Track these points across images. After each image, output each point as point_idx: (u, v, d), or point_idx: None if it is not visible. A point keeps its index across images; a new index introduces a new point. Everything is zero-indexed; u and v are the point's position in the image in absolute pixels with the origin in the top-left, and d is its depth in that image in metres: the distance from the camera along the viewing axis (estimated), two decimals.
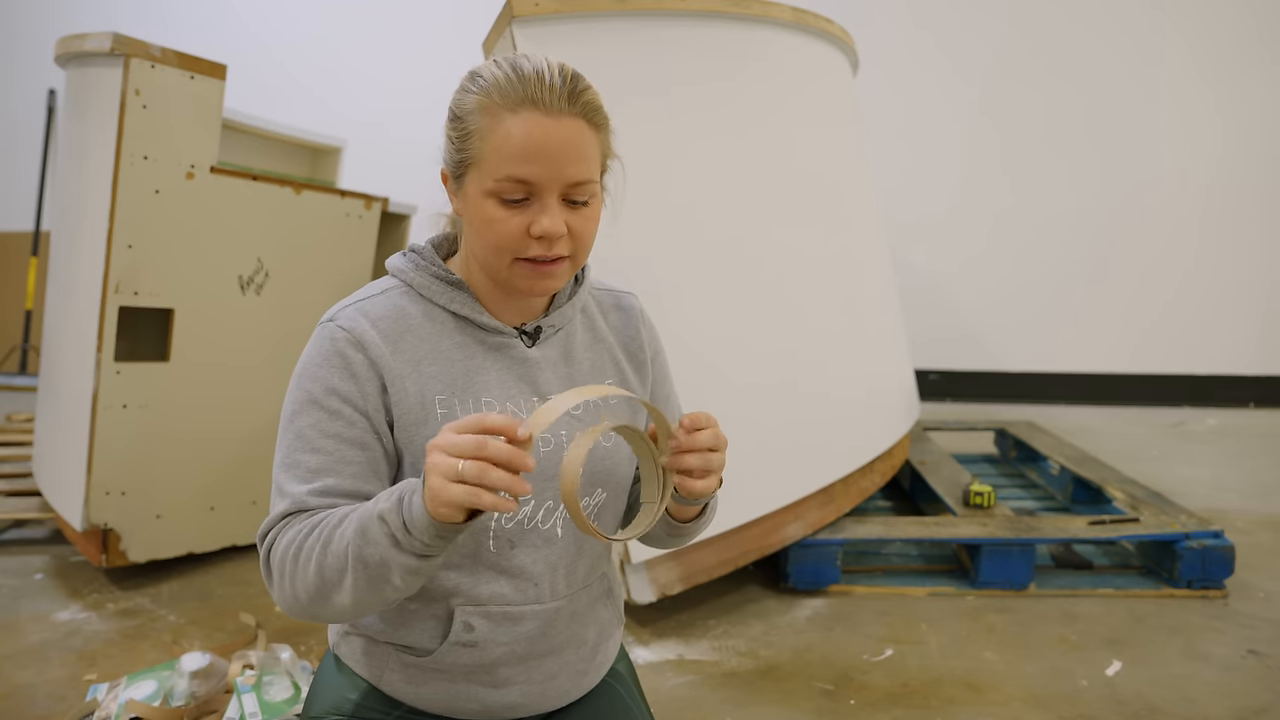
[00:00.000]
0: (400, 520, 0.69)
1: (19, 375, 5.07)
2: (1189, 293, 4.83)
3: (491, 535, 0.83)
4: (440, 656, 0.85)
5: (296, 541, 0.76)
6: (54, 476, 2.35)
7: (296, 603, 0.77)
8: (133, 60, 1.98)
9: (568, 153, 0.79)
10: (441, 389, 0.83)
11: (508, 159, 0.78)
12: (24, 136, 5.44)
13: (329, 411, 0.81)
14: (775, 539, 2.07)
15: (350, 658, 0.91)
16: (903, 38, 4.88)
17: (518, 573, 0.85)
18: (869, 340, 2.57)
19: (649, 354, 0.99)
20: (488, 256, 0.82)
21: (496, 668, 0.86)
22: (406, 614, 0.85)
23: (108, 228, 2.02)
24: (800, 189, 2.30)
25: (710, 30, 2.05)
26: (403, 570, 0.71)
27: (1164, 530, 2.19)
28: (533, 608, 0.86)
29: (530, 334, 0.89)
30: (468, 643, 0.84)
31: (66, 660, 1.79)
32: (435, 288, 0.86)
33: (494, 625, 0.85)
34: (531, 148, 0.77)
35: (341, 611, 0.75)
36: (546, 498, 0.85)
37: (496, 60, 0.81)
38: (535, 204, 0.79)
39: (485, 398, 0.85)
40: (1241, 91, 4.72)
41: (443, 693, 0.86)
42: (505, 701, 0.87)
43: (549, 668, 0.89)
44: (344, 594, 0.73)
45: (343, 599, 0.74)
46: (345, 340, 0.82)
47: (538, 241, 0.80)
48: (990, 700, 1.67)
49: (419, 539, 0.69)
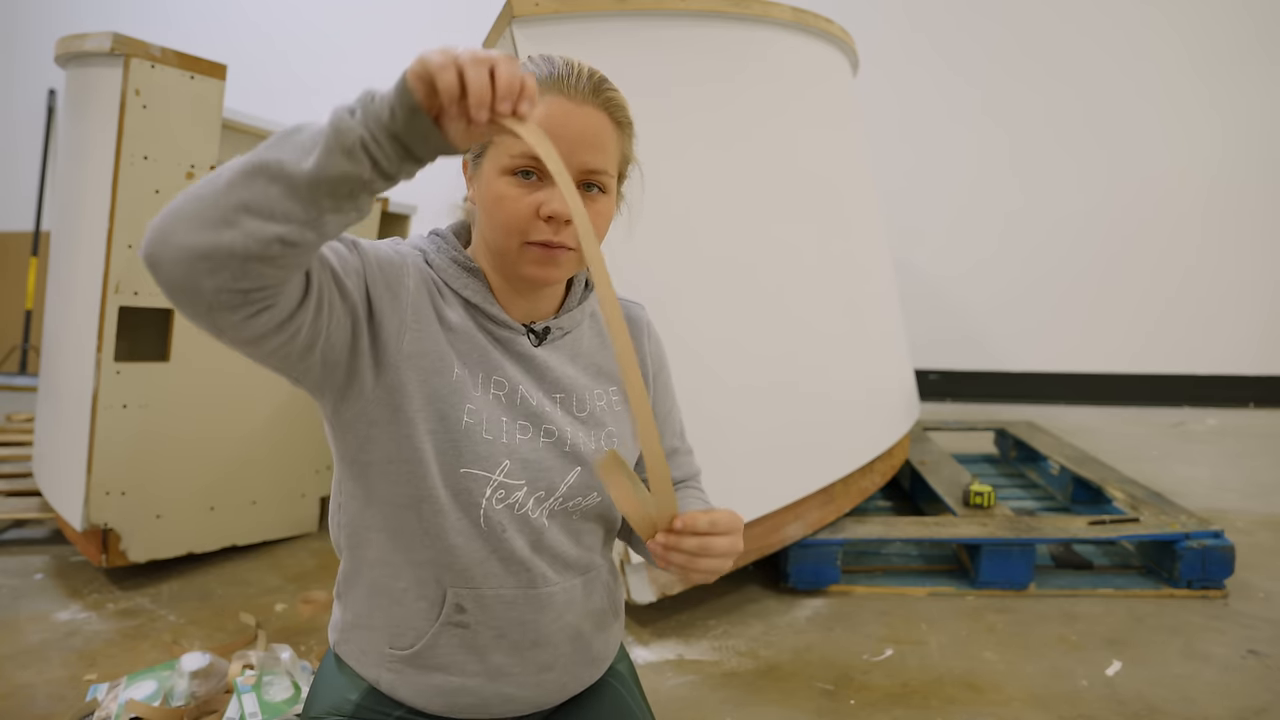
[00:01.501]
0: (352, 103, 0.64)
1: (19, 375, 5.07)
2: (1190, 293, 4.83)
3: (483, 514, 0.83)
4: (434, 640, 0.85)
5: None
6: (54, 476, 2.35)
7: (159, 224, 0.63)
8: (133, 60, 1.98)
9: (585, 138, 0.81)
10: (459, 355, 0.83)
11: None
12: (24, 136, 5.45)
13: (358, 249, 0.79)
14: (775, 539, 2.07)
15: (350, 657, 0.90)
16: (902, 40, 4.88)
17: (507, 555, 0.85)
18: (869, 341, 2.57)
19: (650, 369, 1.00)
20: (497, 238, 0.82)
21: (489, 653, 0.86)
22: (399, 594, 0.85)
23: (108, 228, 2.02)
24: (801, 190, 2.30)
25: (710, 30, 2.05)
26: (316, 153, 0.62)
27: (1164, 530, 2.19)
28: (525, 591, 0.86)
29: (538, 333, 0.89)
30: (459, 623, 0.85)
31: (66, 660, 1.79)
32: (452, 270, 0.86)
33: (485, 608, 0.85)
34: (551, 127, 0.78)
35: (243, 195, 0.62)
36: (539, 488, 0.85)
37: (530, 56, 0.84)
38: (547, 185, 0.80)
39: (496, 376, 0.85)
40: (1240, 91, 4.72)
41: (440, 688, 0.86)
42: (502, 694, 0.87)
43: (544, 658, 0.88)
44: (220, 190, 0.62)
45: (216, 199, 0.62)
46: (409, 256, 0.84)
47: (546, 223, 0.80)
48: (990, 700, 1.67)
49: (363, 111, 0.63)
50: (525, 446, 0.85)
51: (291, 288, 0.68)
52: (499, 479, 0.83)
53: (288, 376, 0.77)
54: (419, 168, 0.67)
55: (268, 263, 0.64)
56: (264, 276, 0.64)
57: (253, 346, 0.70)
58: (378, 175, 0.65)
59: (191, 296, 0.64)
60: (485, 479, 0.83)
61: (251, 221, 0.62)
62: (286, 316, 0.69)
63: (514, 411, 0.85)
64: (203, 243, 0.62)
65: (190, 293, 0.64)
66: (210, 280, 0.63)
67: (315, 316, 0.72)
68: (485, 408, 0.83)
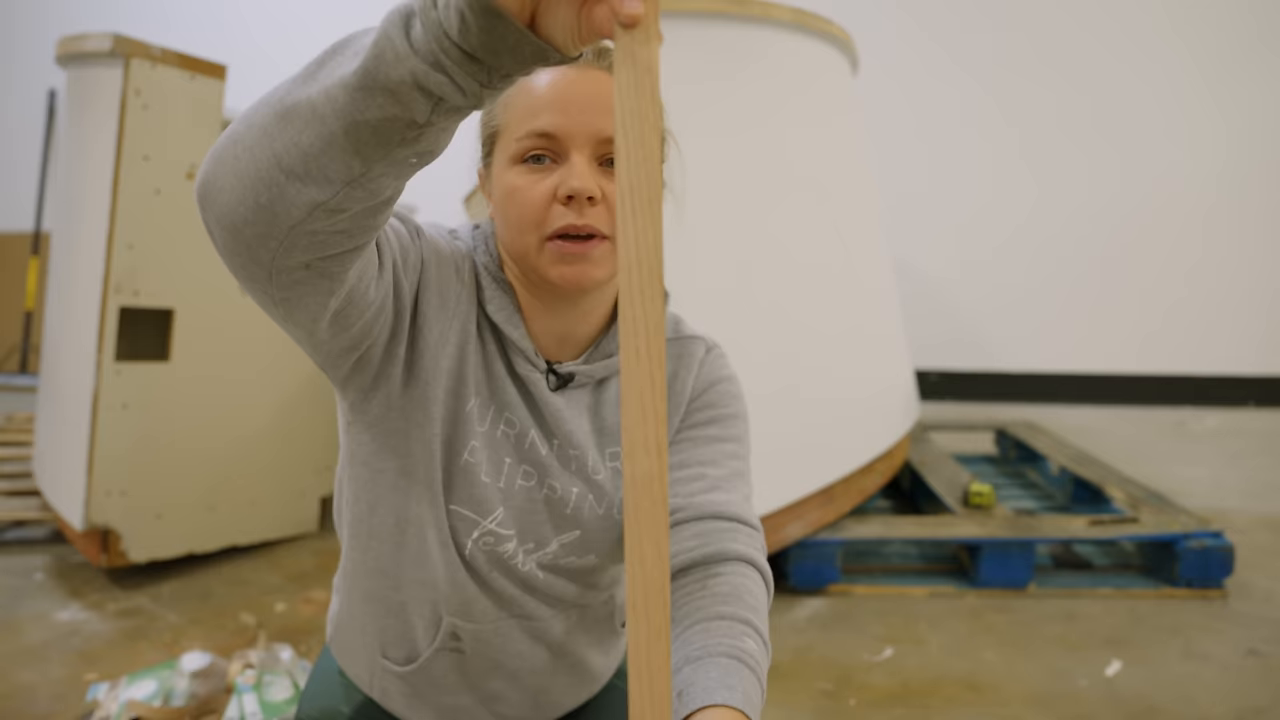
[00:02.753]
0: (410, 2, 0.48)
1: (19, 375, 5.07)
2: (1190, 293, 4.83)
3: (468, 554, 0.78)
4: (429, 663, 0.82)
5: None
6: (54, 476, 2.35)
7: (204, 174, 0.53)
8: (133, 60, 1.98)
9: (595, 103, 0.69)
10: (475, 382, 0.75)
11: (531, 114, 0.69)
12: (24, 136, 5.44)
13: (421, 238, 0.72)
14: (775, 539, 2.07)
15: (342, 653, 0.88)
16: (906, 42, 4.88)
17: (497, 593, 0.80)
18: (869, 342, 2.57)
19: (686, 396, 0.81)
20: (514, 238, 0.71)
21: (485, 680, 0.83)
22: (397, 607, 0.80)
23: (108, 228, 2.02)
24: (800, 190, 2.30)
25: (710, 30, 2.05)
26: (352, 88, 0.48)
27: (1164, 530, 2.19)
28: (521, 623, 0.82)
29: (560, 377, 0.77)
30: (455, 649, 0.81)
31: (66, 660, 1.79)
32: (484, 279, 0.76)
33: (480, 640, 0.81)
34: (555, 98, 0.69)
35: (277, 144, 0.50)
36: (529, 540, 0.79)
37: None
38: (563, 165, 0.69)
39: (508, 414, 0.76)
40: (1245, 92, 4.72)
41: (434, 704, 0.84)
42: (498, 712, 0.85)
43: (540, 682, 0.85)
44: (255, 136, 0.51)
45: (251, 148, 0.51)
46: (462, 257, 0.76)
47: (567, 206, 0.68)
48: (990, 700, 1.67)
49: (424, 23, 0.46)
50: (522, 496, 0.77)
51: (365, 263, 0.58)
52: (489, 526, 0.76)
53: (318, 362, 0.69)
54: (508, 84, 0.51)
55: (318, 235, 0.53)
56: (321, 245, 0.54)
57: (305, 332, 0.62)
58: (441, 112, 0.49)
59: (248, 269, 0.55)
60: (474, 522, 0.76)
61: (288, 183, 0.50)
62: (349, 306, 0.62)
63: (519, 455, 0.77)
64: (241, 206, 0.52)
65: (246, 265, 0.54)
66: (262, 249, 0.53)
67: (375, 315, 0.65)
68: (489, 446, 0.75)
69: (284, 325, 0.62)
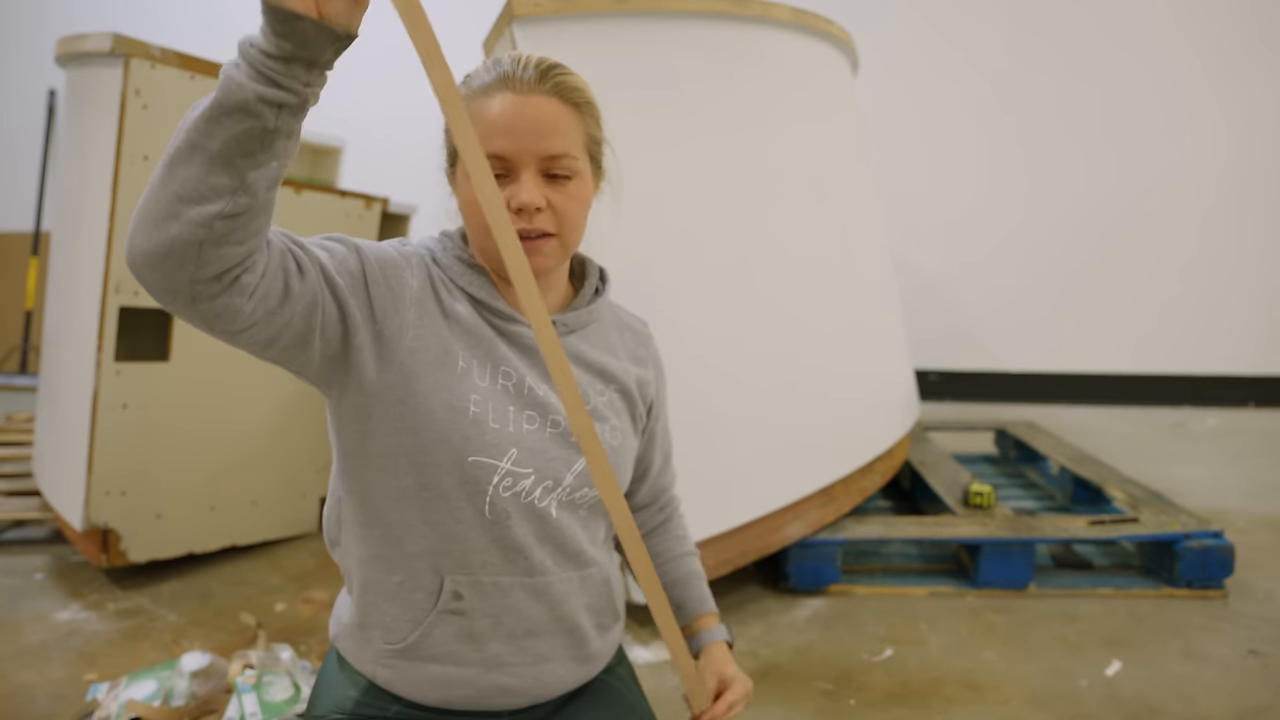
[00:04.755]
0: (235, 56, 0.65)
1: (19, 375, 5.07)
2: (1190, 293, 4.83)
3: (488, 502, 0.84)
4: (430, 630, 0.85)
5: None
6: (54, 476, 2.35)
7: (129, 234, 0.67)
8: (133, 60, 1.98)
9: (538, 126, 0.82)
10: (464, 348, 0.85)
11: (485, 138, 0.82)
12: (24, 136, 5.44)
13: (359, 251, 0.82)
14: (775, 539, 2.07)
15: (348, 652, 0.91)
16: (907, 40, 4.88)
17: (508, 544, 0.85)
18: (869, 341, 2.57)
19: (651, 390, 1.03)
20: (478, 239, 0.86)
21: (485, 642, 0.86)
22: (394, 589, 0.86)
23: (108, 228, 2.02)
24: (800, 189, 2.30)
25: (710, 30, 2.05)
26: (215, 121, 0.63)
27: (1164, 530, 2.19)
28: (522, 579, 0.87)
29: None
30: (456, 610, 0.85)
31: (66, 660, 1.79)
32: (457, 268, 0.88)
33: (482, 595, 0.85)
34: (502, 123, 0.82)
35: (173, 186, 0.64)
36: (546, 477, 0.86)
37: (484, 61, 0.87)
38: (515, 180, 0.83)
39: (504, 367, 0.87)
40: (1246, 92, 4.72)
41: (436, 680, 0.86)
42: (499, 684, 0.87)
43: (540, 648, 0.89)
44: (157, 189, 0.65)
45: (157, 197, 0.65)
46: (413, 256, 0.86)
47: (518, 215, 0.83)
48: (990, 700, 1.67)
49: (243, 54, 0.64)
50: (532, 436, 0.86)
51: (269, 273, 0.70)
52: (507, 466, 0.84)
53: (290, 369, 0.79)
54: (326, 73, 0.66)
55: (220, 242, 0.65)
56: (225, 257, 0.66)
57: (247, 339, 0.72)
58: (285, 116, 0.65)
59: (172, 295, 0.67)
60: (493, 467, 0.84)
61: (188, 209, 0.64)
62: (275, 307, 0.71)
63: (521, 401, 0.86)
64: (158, 243, 0.64)
65: (170, 292, 0.66)
66: (180, 275, 0.65)
67: (308, 311, 0.74)
68: (492, 397, 0.85)
69: (236, 343, 0.73)
